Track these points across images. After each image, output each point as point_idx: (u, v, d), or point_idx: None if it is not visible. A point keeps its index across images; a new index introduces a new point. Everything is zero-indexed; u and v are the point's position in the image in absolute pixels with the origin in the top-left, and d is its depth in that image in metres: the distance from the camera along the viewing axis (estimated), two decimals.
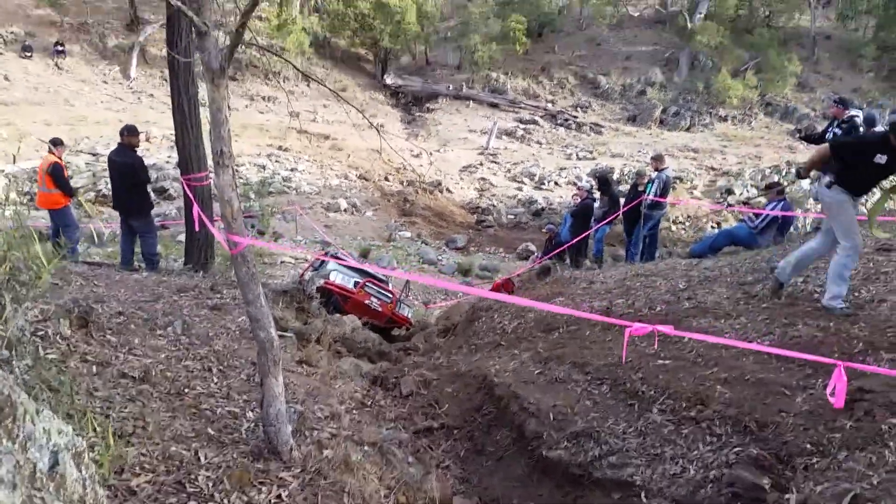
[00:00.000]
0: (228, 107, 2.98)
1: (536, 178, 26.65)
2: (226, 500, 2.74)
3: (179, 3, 3.00)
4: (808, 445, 3.18)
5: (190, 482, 2.77)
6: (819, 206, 9.17)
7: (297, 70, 6.00)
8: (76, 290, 4.81)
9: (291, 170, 23.56)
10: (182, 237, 10.11)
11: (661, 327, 3.40)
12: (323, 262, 10.24)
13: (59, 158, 8.58)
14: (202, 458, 2.94)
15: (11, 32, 31.55)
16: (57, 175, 8.34)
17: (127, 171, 7.76)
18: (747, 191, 22.53)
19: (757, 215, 8.49)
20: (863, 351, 3.87)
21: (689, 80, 38.40)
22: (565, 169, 27.70)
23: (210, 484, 2.80)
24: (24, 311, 2.30)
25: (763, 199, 11.78)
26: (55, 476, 1.11)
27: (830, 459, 3.03)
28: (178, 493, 2.69)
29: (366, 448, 3.82)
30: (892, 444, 2.94)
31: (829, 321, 4.49)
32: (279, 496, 2.89)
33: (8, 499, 0.98)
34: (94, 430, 2.60)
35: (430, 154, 26.85)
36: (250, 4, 2.86)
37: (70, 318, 3.66)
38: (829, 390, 3.09)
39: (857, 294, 4.96)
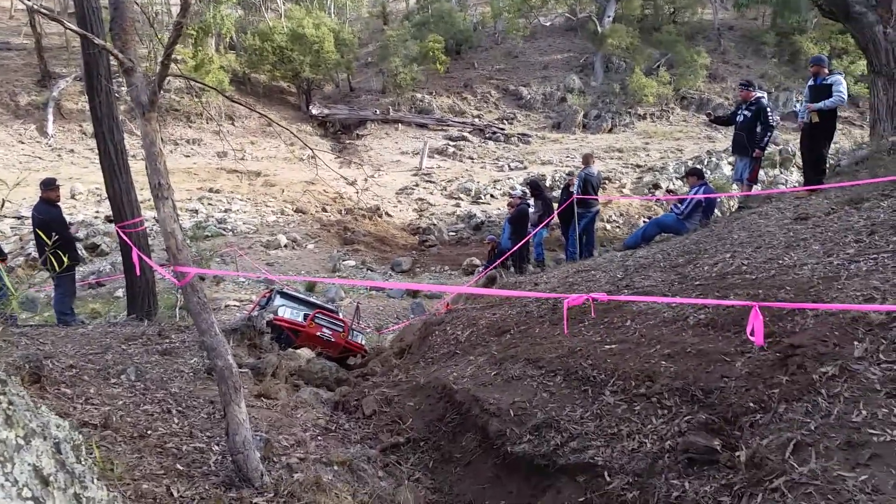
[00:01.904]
0: (161, 139, 3.04)
1: (472, 193, 27.04)
2: None
3: (104, 44, 3.05)
4: (752, 404, 3.39)
5: None
6: (739, 187, 9.71)
7: (226, 97, 6.04)
8: (23, 349, 4.70)
9: (225, 211, 23.21)
10: (120, 292, 9.89)
11: (594, 295, 3.59)
12: (269, 298, 10.18)
13: None
14: (175, 493, 2.96)
15: None
16: None
17: (44, 226, 7.64)
18: (672, 183, 23.45)
19: (682, 201, 8.91)
20: (791, 312, 4.15)
21: (605, 83, 39.67)
22: (499, 181, 28.20)
23: None
24: None
25: (686, 188, 12.34)
26: (71, 468, 1.18)
27: (772, 414, 3.25)
28: None
29: (335, 468, 3.87)
30: (823, 391, 3.18)
31: (759, 290, 4.79)
32: None
33: (48, 465, 1.06)
34: None
35: (365, 180, 26.91)
36: (174, 35, 2.94)
37: (22, 375, 3.60)
38: (748, 331, 3.32)
39: (781, 261, 5.30)
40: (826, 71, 8.06)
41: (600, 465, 3.58)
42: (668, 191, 18.86)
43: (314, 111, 38.02)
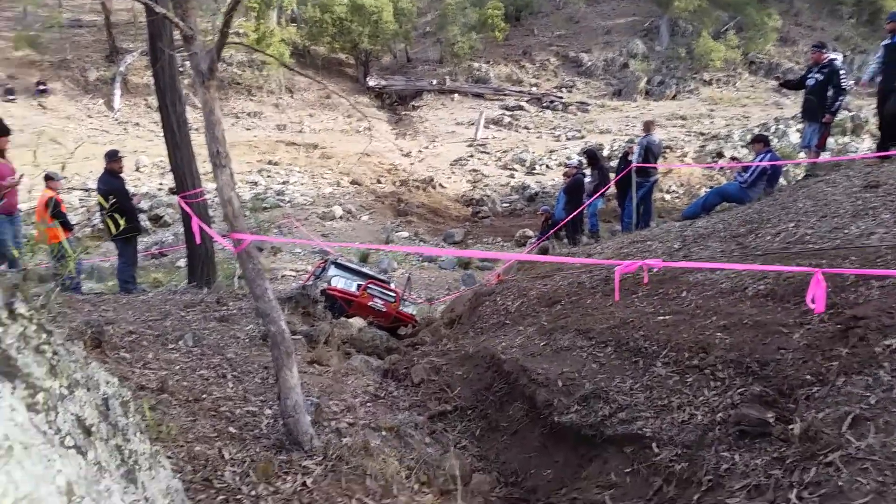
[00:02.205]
0: (223, 112, 3.09)
1: (527, 164, 26.72)
2: (253, 492, 2.86)
3: (165, 11, 3.10)
4: (808, 377, 3.28)
5: (217, 478, 2.88)
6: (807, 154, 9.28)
7: (286, 67, 6.10)
8: (86, 315, 4.92)
9: (283, 183, 23.65)
10: (181, 262, 10.23)
11: (649, 262, 3.50)
12: (324, 268, 10.35)
13: (55, 192, 8.68)
14: (226, 455, 3.06)
15: None
16: (54, 209, 8.45)
17: (106, 196, 7.92)
18: (737, 151, 22.58)
19: (745, 169, 8.58)
20: (854, 283, 3.96)
21: (670, 48, 38.34)
22: (555, 151, 27.77)
23: (237, 478, 2.92)
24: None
25: (751, 156, 11.87)
26: (113, 418, 1.23)
27: (829, 387, 3.13)
28: (207, 490, 2.81)
29: (383, 433, 3.93)
30: (886, 364, 3.04)
31: (822, 259, 4.59)
32: (304, 483, 3.00)
33: (90, 416, 1.11)
34: None
35: (420, 151, 26.92)
36: (233, 2, 2.96)
37: (84, 340, 3.77)
38: (808, 298, 3.19)
39: (847, 231, 5.06)
40: None
41: (648, 436, 3.53)
42: (733, 158, 18.17)
43: (371, 83, 38.12)
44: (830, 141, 9.29)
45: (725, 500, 2.94)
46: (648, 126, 10.84)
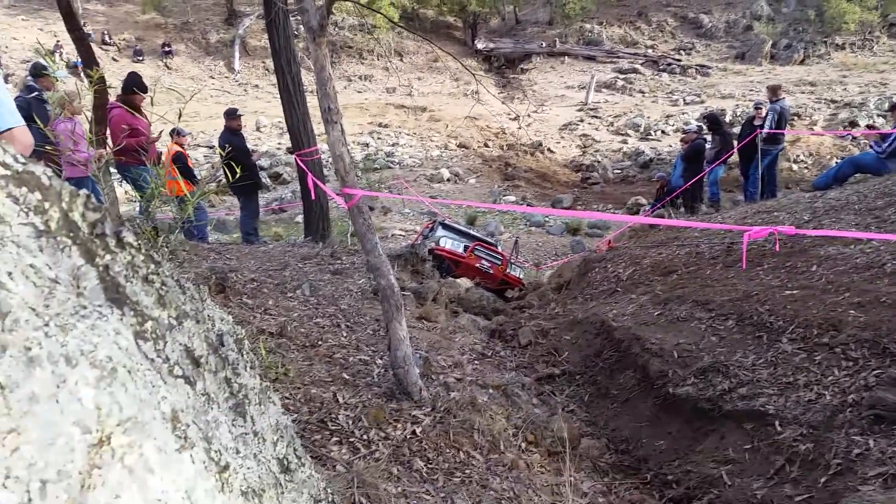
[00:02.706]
0: (332, 64, 3.12)
1: (642, 129, 25.70)
2: (365, 436, 2.94)
3: None
4: None
5: (331, 420, 2.99)
6: None
7: (398, 25, 6.10)
8: (211, 263, 5.21)
9: (393, 145, 24.02)
10: (300, 218, 10.63)
11: (781, 228, 3.28)
12: (432, 229, 10.47)
13: (182, 147, 9.17)
14: (340, 399, 3.16)
15: (123, 39, 33.90)
16: (181, 163, 8.95)
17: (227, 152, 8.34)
18: (872, 120, 20.70)
19: (884, 138, 7.85)
20: None
21: (798, 10, 35.42)
22: (672, 116, 26.54)
23: (350, 422, 3.01)
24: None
25: (889, 125, 10.82)
26: (224, 353, 1.26)
27: None
28: (322, 431, 2.92)
29: (490, 391, 3.95)
30: None
31: None
32: (413, 432, 3.06)
33: (199, 347, 1.14)
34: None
35: (528, 115, 26.45)
36: None
37: (209, 285, 3.98)
38: None
39: None
40: None
41: (771, 413, 3.35)
42: (869, 127, 16.69)
43: (479, 46, 37.75)
44: None
45: (857, 486, 2.75)
46: (776, 90, 10.12)
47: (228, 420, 1.18)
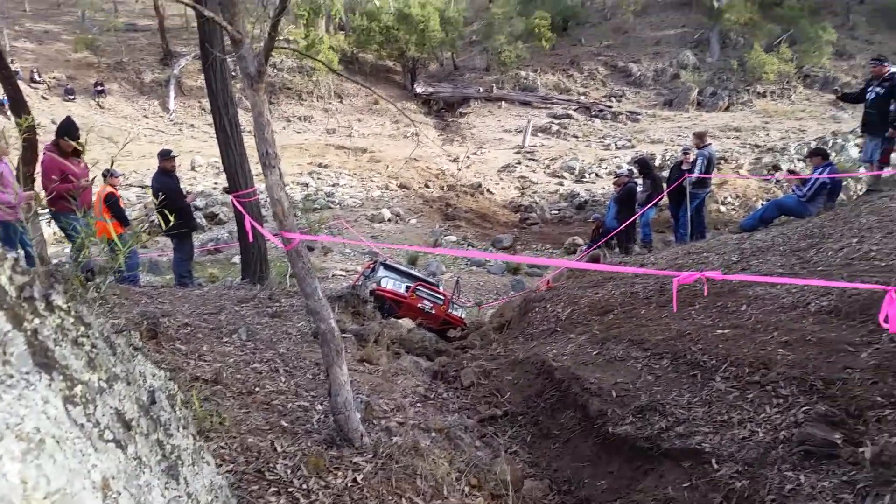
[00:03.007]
0: (269, 110, 3.11)
1: (577, 172, 26.45)
2: (304, 486, 2.85)
3: (213, 14, 3.14)
4: (879, 398, 3.14)
5: (269, 470, 2.89)
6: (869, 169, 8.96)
7: (335, 72, 6.17)
8: (143, 307, 5.03)
9: (333, 185, 23.95)
10: (236, 258, 10.41)
11: (708, 273, 3.40)
12: (373, 269, 10.42)
13: (114, 188, 8.91)
14: (278, 448, 3.06)
15: (54, 77, 32.98)
16: (112, 205, 8.67)
17: (159, 194, 8.18)
18: (794, 165, 21.95)
19: (804, 183, 8.33)
20: None
21: (722, 60, 37.60)
22: (605, 160, 27.44)
23: (288, 471, 2.92)
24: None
25: (809, 169, 11.51)
26: (154, 407, 1.21)
27: None
28: (259, 481, 2.81)
29: (433, 434, 3.90)
30: None
31: (890, 277, 4.39)
32: (354, 479, 2.99)
33: (130, 410, 1.09)
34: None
35: (468, 157, 26.90)
36: (280, 7, 2.98)
37: (140, 331, 3.84)
38: (881, 317, 3.06)
39: None
40: None
41: (707, 451, 3.42)
42: (790, 171, 17.68)
43: (418, 89, 38.38)
44: (893, 156, 8.91)
45: None
46: (703, 136, 10.63)
47: (161, 483, 1.13)
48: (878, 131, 8.58)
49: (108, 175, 8.95)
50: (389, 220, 20.38)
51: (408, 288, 9.43)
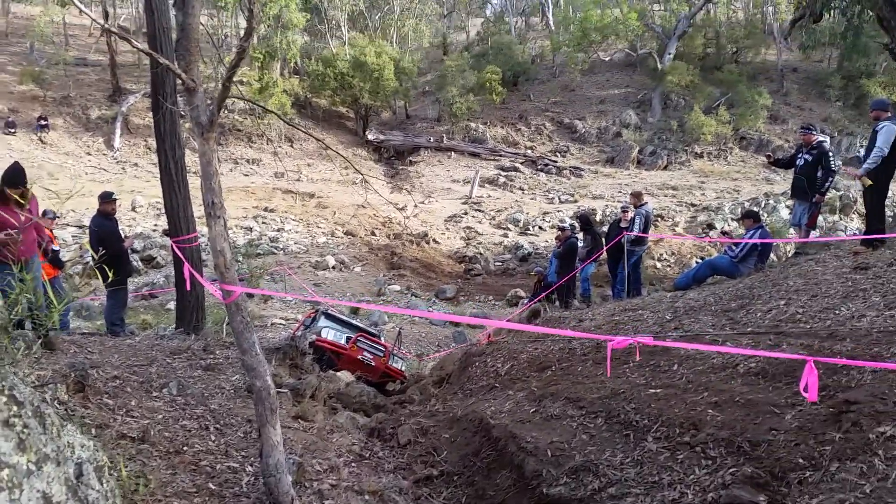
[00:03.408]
0: (218, 160, 3.10)
1: (521, 224, 26.94)
2: None
3: (168, 62, 3.15)
4: (801, 460, 3.24)
5: None
6: (797, 232, 9.41)
7: (284, 121, 6.18)
8: (71, 357, 4.83)
9: (278, 230, 23.70)
10: (171, 304, 10.12)
11: (640, 338, 3.50)
12: (314, 319, 10.28)
13: (49, 230, 8.62)
14: None
15: None
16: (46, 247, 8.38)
17: (98, 238, 7.97)
18: (728, 224, 22.91)
19: (736, 244, 8.68)
20: (846, 366, 3.96)
21: (662, 120, 39.26)
22: (549, 213, 28.05)
23: None
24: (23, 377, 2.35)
25: (741, 230, 12.04)
26: (81, 486, 1.18)
27: (823, 472, 3.09)
28: None
29: (367, 497, 3.83)
30: (881, 452, 3.02)
31: (814, 340, 4.60)
32: None
33: (58, 492, 1.06)
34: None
35: (415, 206, 27.08)
36: (237, 58, 3.02)
37: (67, 383, 3.69)
38: (801, 386, 3.19)
39: (838, 312, 5.09)
40: (885, 114, 7.63)
41: None
42: (723, 232, 18.44)
43: (370, 136, 38.73)
44: (820, 219, 9.45)
45: None
46: (640, 196, 11.03)
47: None
48: (805, 197, 8.94)
49: (43, 216, 8.68)
50: (334, 267, 20.23)
51: (349, 339, 9.33)
